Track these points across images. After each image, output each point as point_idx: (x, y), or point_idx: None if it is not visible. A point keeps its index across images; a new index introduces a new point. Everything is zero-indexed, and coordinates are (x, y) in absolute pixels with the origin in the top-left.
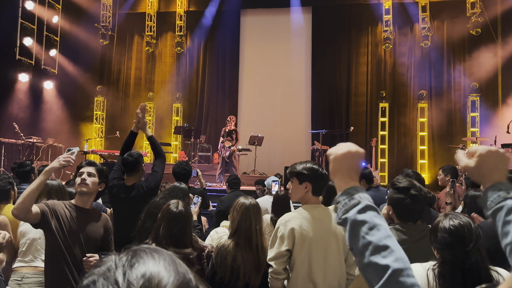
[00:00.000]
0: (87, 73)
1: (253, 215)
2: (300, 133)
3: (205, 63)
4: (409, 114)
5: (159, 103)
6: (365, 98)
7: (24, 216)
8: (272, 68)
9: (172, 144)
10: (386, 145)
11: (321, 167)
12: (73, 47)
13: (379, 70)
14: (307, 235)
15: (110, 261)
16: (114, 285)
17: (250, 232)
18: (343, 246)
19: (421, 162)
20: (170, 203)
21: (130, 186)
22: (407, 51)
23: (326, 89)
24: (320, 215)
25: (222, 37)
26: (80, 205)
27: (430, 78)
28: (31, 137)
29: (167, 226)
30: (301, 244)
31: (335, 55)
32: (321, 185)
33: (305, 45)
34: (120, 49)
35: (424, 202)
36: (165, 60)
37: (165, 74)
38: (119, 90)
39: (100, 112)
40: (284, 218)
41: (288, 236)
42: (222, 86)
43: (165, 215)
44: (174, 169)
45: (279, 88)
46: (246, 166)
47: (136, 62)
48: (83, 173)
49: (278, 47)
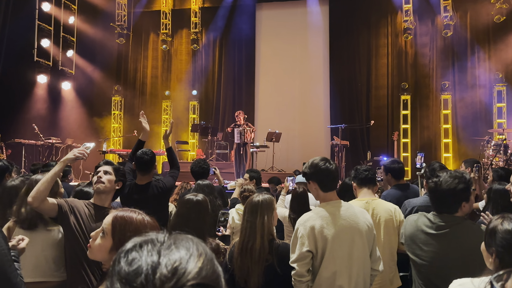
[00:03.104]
0: (104, 72)
1: (247, 211)
2: (318, 128)
3: (221, 59)
4: (432, 106)
5: (176, 101)
6: (386, 90)
7: (38, 205)
8: (289, 62)
9: (189, 142)
10: (409, 139)
11: (324, 161)
12: (89, 47)
13: (400, 61)
14: (329, 234)
15: (154, 235)
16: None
17: (242, 229)
18: (368, 240)
19: (445, 155)
20: (190, 194)
21: (144, 185)
22: (428, 41)
23: (345, 82)
24: (340, 211)
25: (237, 33)
26: (98, 203)
27: (453, 69)
28: (50, 138)
29: (177, 213)
30: (323, 243)
31: (354, 47)
32: (326, 180)
33: (322, 38)
34: (136, 48)
35: None
36: (180, 58)
37: (181, 71)
38: (136, 89)
39: (117, 112)
40: (302, 218)
41: (308, 236)
42: (239, 82)
43: (179, 202)
44: (192, 168)
45: (296, 82)
46: (264, 163)
47: (152, 61)
48: (100, 171)
49: (295, 41)
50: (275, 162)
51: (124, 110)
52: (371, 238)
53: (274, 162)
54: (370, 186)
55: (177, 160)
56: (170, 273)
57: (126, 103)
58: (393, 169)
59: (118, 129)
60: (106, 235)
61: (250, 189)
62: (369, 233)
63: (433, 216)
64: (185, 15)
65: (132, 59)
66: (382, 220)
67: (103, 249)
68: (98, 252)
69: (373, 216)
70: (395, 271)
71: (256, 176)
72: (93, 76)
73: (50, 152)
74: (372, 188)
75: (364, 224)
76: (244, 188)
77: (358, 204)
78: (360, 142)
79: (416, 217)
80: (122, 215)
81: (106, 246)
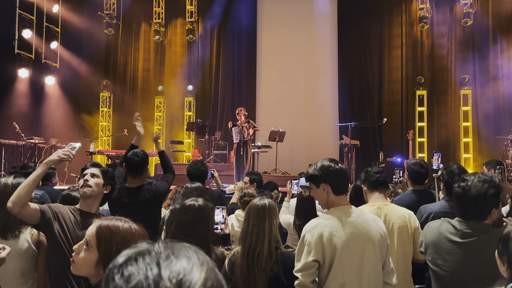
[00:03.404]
0: (91, 66)
1: (252, 216)
2: (326, 127)
3: (219, 51)
4: (451, 102)
5: (170, 97)
6: (400, 85)
7: (19, 211)
8: (293, 54)
9: (184, 142)
10: (425, 138)
11: (335, 162)
12: (75, 39)
13: (415, 53)
14: (338, 242)
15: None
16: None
17: (246, 235)
18: (381, 251)
19: (465, 156)
20: (189, 199)
21: (134, 189)
22: (446, 30)
23: (355, 76)
24: (351, 217)
25: (237, 22)
26: (85, 209)
27: (474, 61)
28: (33, 138)
29: (178, 221)
30: (331, 252)
31: (365, 37)
32: (340, 182)
33: (330, 27)
34: (126, 39)
35: None
36: (175, 50)
37: (175, 65)
38: (126, 84)
39: (106, 109)
40: (310, 225)
41: (315, 245)
42: (239, 76)
43: (178, 209)
44: (189, 170)
45: (302, 76)
46: (266, 165)
47: (144, 53)
48: (86, 174)
49: (300, 31)
50: (278, 164)
51: (113, 107)
52: (384, 248)
53: (277, 164)
54: (381, 189)
55: (171, 164)
56: (175, 286)
57: (116, 99)
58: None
59: (106, 127)
60: (91, 248)
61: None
62: (382, 243)
63: (458, 222)
64: (180, 3)
65: (122, 51)
66: (396, 227)
67: (88, 263)
68: (82, 266)
69: (385, 223)
70: (410, 283)
71: (257, 179)
72: (80, 69)
73: (32, 153)
74: (384, 192)
75: (377, 233)
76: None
77: (369, 209)
78: (372, 142)
79: (438, 224)
80: (107, 224)
81: (92, 260)
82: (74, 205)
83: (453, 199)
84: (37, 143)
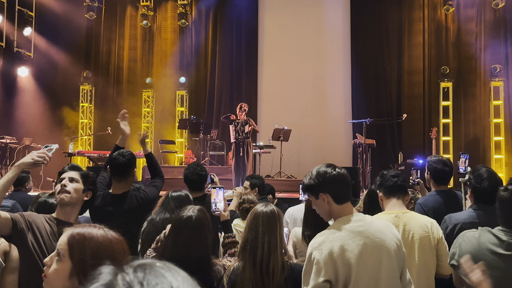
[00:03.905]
0: (70, 55)
1: (261, 223)
2: (337, 124)
3: (215, 38)
4: (480, 95)
5: (160, 91)
6: (421, 76)
7: None
8: (300, 42)
9: (176, 141)
10: (450, 136)
11: (332, 168)
12: (51, 24)
13: (439, 40)
14: (351, 257)
15: (115, 274)
16: None
17: (256, 245)
18: (398, 261)
19: (496, 157)
20: (186, 207)
21: (120, 195)
22: (475, 14)
23: (371, 67)
24: (361, 226)
25: (236, 5)
26: (62, 218)
27: (506, 49)
28: (4, 137)
29: (173, 234)
30: (346, 270)
31: (382, 22)
32: (340, 189)
33: (342, 11)
34: (110, 25)
35: None
36: (165, 37)
37: (165, 54)
38: (109, 75)
39: (87, 104)
40: (316, 241)
41: (325, 263)
42: (238, 67)
43: (172, 227)
44: (187, 175)
45: (309, 67)
46: (269, 168)
47: (130, 41)
48: (64, 178)
49: (308, 15)
50: (283, 167)
51: (95, 102)
52: (401, 258)
53: (282, 167)
54: (399, 195)
55: (159, 168)
56: None
57: (98, 93)
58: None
59: (87, 125)
60: (63, 257)
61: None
62: (398, 252)
63: (503, 232)
64: None
65: (105, 39)
66: (417, 237)
67: (61, 275)
68: (55, 280)
69: (404, 233)
70: None
71: (258, 183)
72: (57, 59)
73: (3, 154)
74: (402, 198)
75: (392, 242)
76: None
77: (386, 218)
78: (390, 141)
79: (477, 234)
80: (79, 231)
81: (65, 271)
82: (51, 213)
83: (496, 205)
84: (8, 143)
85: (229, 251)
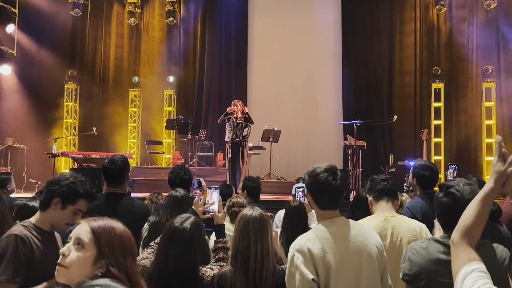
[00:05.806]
0: (54, 53)
1: (252, 231)
2: (328, 125)
3: (204, 37)
4: (472, 97)
5: (147, 90)
6: (413, 77)
7: None
8: (290, 42)
9: (163, 142)
10: (442, 138)
11: (331, 173)
12: (35, 21)
13: (430, 40)
14: (332, 259)
15: None
16: None
17: (248, 254)
18: (379, 265)
19: (488, 159)
20: (176, 217)
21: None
22: (467, 14)
23: (361, 67)
24: (344, 230)
25: (225, 3)
26: (44, 227)
27: (498, 50)
28: None
29: (165, 243)
30: (325, 272)
31: (373, 22)
32: (324, 197)
33: (333, 10)
34: (96, 22)
35: None
36: (152, 35)
37: (153, 52)
38: (95, 74)
39: (72, 103)
40: (298, 242)
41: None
42: (227, 66)
43: (164, 232)
44: (170, 179)
45: (300, 67)
46: (259, 169)
47: (116, 39)
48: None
49: (298, 15)
50: (272, 168)
51: (80, 101)
52: (382, 263)
53: (272, 168)
54: (389, 199)
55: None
56: None
57: (83, 92)
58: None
59: (72, 125)
60: (87, 245)
61: (240, 202)
62: (379, 257)
63: (448, 239)
64: None
65: (90, 37)
66: (405, 241)
67: (86, 261)
68: (78, 266)
69: (393, 237)
70: None
71: (249, 185)
72: (41, 57)
73: None
74: (391, 201)
75: (374, 246)
76: (233, 201)
77: (374, 221)
78: (381, 143)
79: (424, 244)
80: (102, 222)
81: (89, 258)
82: (30, 217)
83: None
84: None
85: (217, 256)
